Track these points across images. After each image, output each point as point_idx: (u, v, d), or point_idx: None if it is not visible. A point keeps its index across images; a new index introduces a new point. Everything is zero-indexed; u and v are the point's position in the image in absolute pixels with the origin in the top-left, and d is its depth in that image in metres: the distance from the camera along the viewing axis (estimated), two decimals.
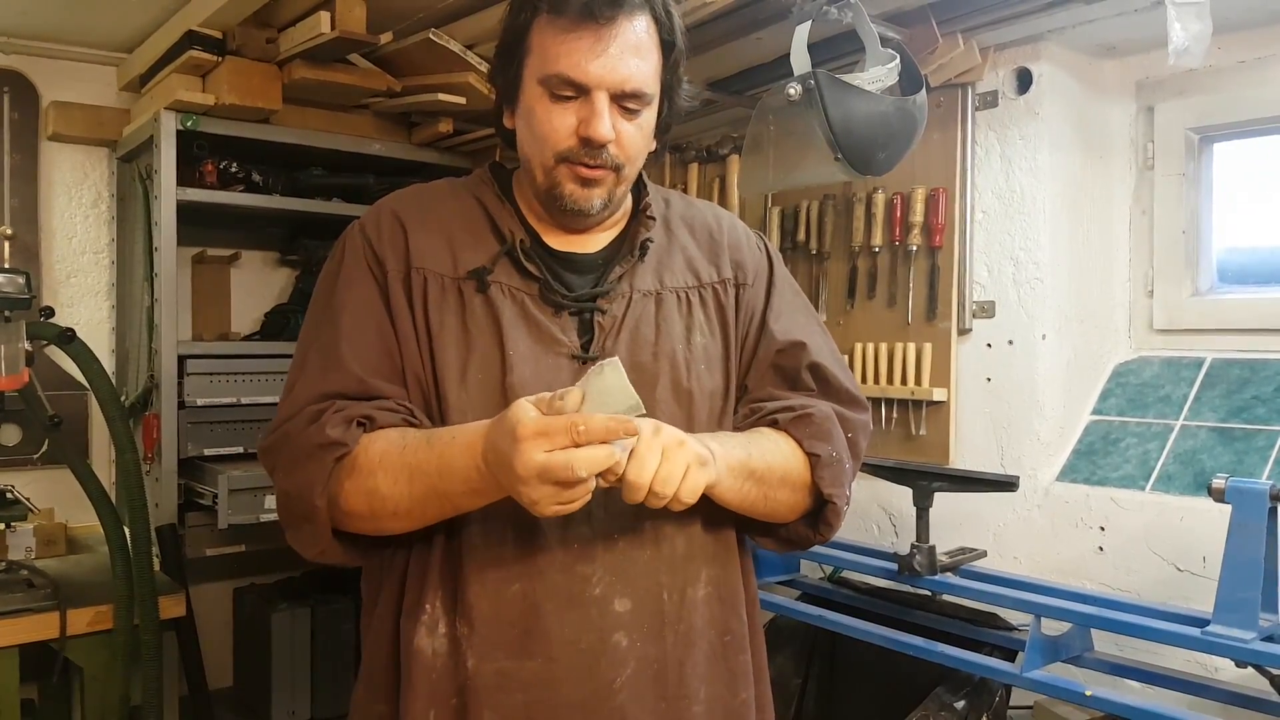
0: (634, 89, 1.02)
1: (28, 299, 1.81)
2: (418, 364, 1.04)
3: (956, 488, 1.73)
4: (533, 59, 1.04)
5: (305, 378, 1.05)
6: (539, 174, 1.07)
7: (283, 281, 2.88)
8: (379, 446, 0.98)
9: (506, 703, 1.00)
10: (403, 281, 1.06)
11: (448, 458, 0.95)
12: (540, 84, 1.02)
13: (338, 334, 1.05)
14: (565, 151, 1.03)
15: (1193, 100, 1.86)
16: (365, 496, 0.98)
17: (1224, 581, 1.37)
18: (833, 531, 1.12)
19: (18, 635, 1.76)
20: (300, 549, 1.04)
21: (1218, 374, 1.81)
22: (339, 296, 1.08)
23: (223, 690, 2.65)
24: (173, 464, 2.24)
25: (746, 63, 1.98)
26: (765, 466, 1.04)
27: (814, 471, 1.07)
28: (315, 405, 1.01)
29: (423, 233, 1.08)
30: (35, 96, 2.46)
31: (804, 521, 1.12)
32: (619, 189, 1.08)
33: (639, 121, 1.04)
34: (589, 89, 1.00)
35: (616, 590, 1.02)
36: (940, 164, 1.96)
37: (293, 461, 1.00)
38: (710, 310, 1.13)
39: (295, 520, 1.01)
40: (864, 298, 2.10)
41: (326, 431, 0.98)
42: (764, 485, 1.05)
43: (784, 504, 1.08)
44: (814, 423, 1.09)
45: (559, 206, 1.07)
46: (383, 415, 1.01)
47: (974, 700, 1.63)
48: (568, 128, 1.02)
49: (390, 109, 2.43)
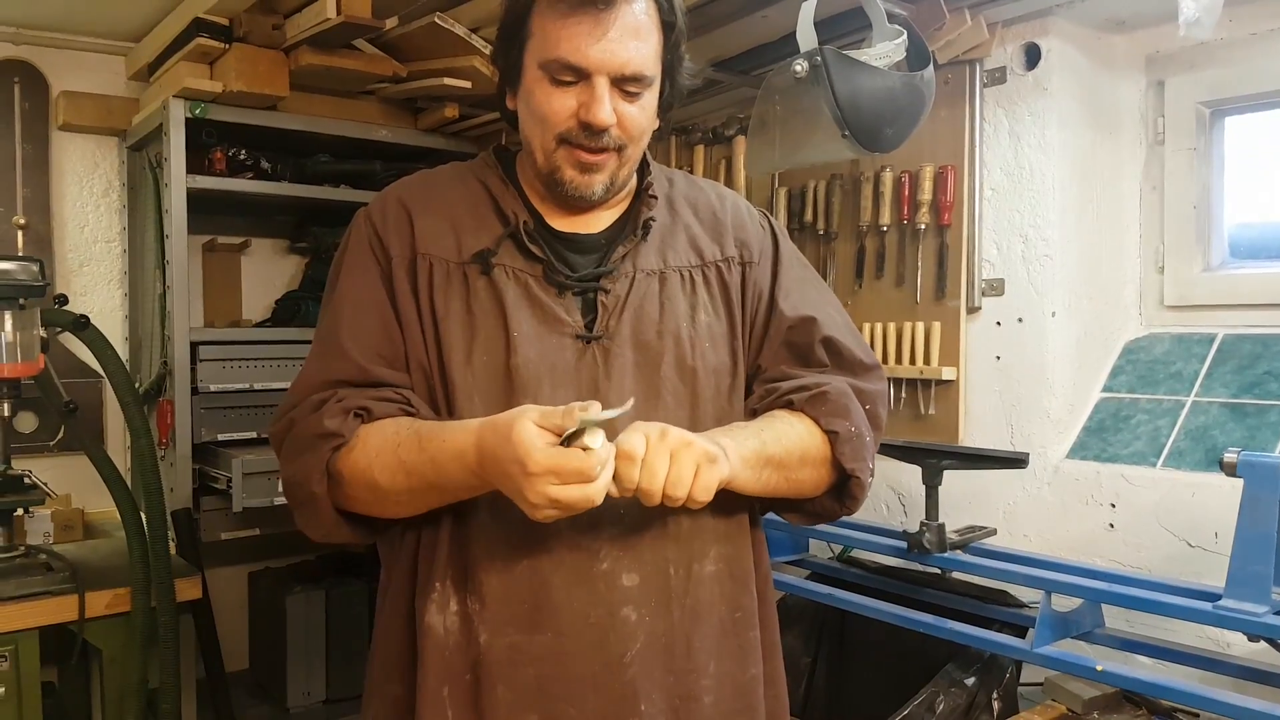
0: (634, 72, 1.02)
1: (41, 286, 1.83)
2: (421, 349, 1.06)
3: (966, 465, 1.73)
4: (534, 42, 1.04)
5: (309, 365, 1.08)
6: (539, 156, 1.07)
7: (292, 268, 2.90)
8: (375, 441, 1.00)
9: (518, 677, 1.01)
10: (407, 267, 1.07)
11: (440, 462, 0.97)
12: (541, 68, 1.03)
13: (339, 321, 1.07)
14: (565, 132, 1.03)
15: (1203, 74, 1.84)
16: (365, 487, 1.01)
17: (1236, 556, 1.37)
18: (858, 504, 1.12)
19: (38, 618, 1.79)
20: (306, 531, 1.07)
21: (1229, 350, 1.80)
22: (342, 284, 1.10)
23: (239, 672, 2.68)
24: (187, 449, 2.27)
25: (752, 41, 1.97)
26: (783, 451, 1.04)
27: (834, 448, 1.08)
28: (319, 394, 1.04)
29: (427, 218, 1.09)
30: (45, 86, 2.48)
31: (829, 495, 1.12)
32: (622, 171, 1.08)
33: (640, 103, 1.05)
34: (589, 73, 1.01)
35: (624, 565, 1.02)
36: (948, 141, 1.95)
37: (294, 449, 1.04)
38: (714, 288, 1.13)
39: (299, 504, 1.05)
40: (872, 277, 2.10)
41: (324, 422, 1.01)
42: (784, 469, 1.05)
43: (808, 482, 1.09)
44: (829, 400, 1.09)
45: (561, 192, 1.08)
46: (379, 406, 1.03)
47: (984, 677, 1.64)
48: (567, 110, 1.02)
49: (396, 95, 2.43)
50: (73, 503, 2.31)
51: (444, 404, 1.04)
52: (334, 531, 1.05)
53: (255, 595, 2.74)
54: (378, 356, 1.05)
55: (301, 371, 1.09)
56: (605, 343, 1.06)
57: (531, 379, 1.02)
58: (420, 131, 2.57)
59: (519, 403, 1.00)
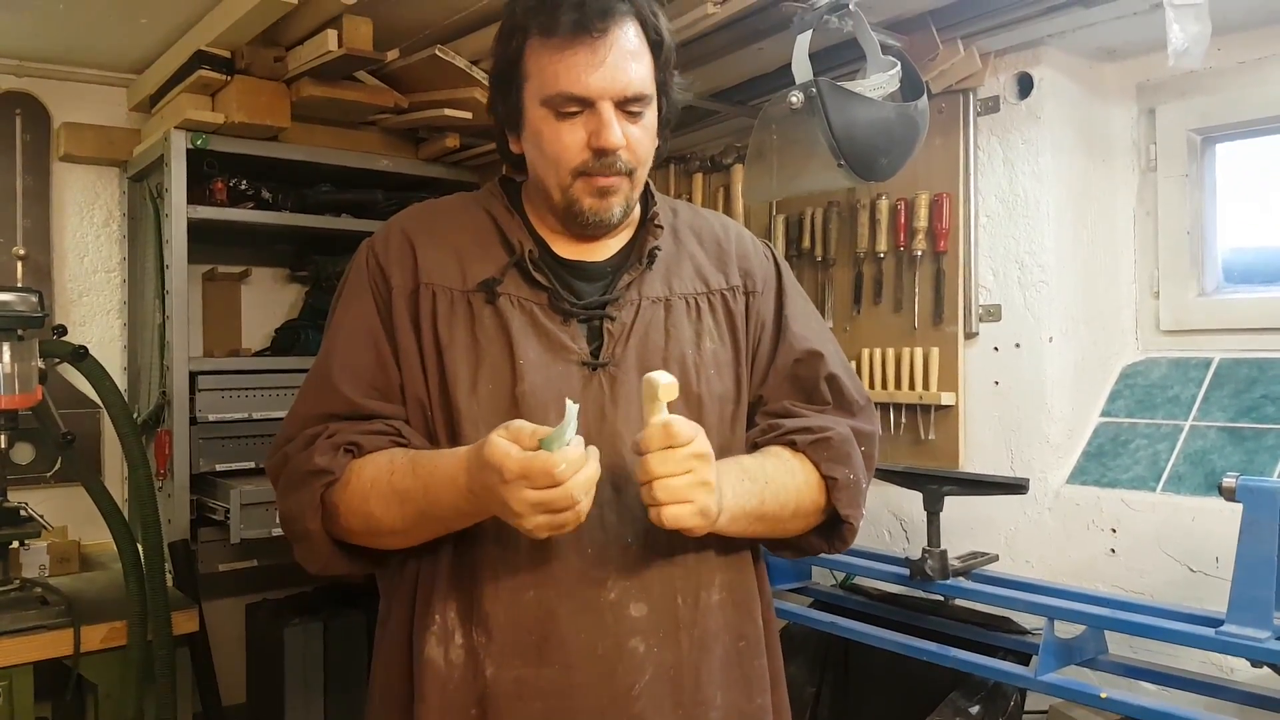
0: (635, 93, 1.04)
1: (40, 317, 1.83)
2: (419, 382, 1.06)
3: (966, 491, 1.73)
4: (531, 83, 1.06)
5: (302, 399, 1.10)
6: (555, 194, 1.08)
7: (293, 297, 2.90)
8: (369, 472, 1.01)
9: (525, 711, 1.00)
10: (409, 298, 1.08)
11: (433, 490, 0.97)
12: (544, 105, 1.04)
13: (332, 354, 1.09)
14: (580, 166, 1.05)
15: (1194, 101, 1.86)
16: (361, 519, 1.02)
17: (1237, 581, 1.37)
18: (846, 546, 1.14)
19: (32, 652, 1.77)
20: (304, 564, 1.08)
21: (1226, 374, 1.81)
22: (337, 316, 1.12)
23: (236, 706, 2.65)
24: (185, 480, 2.25)
25: (749, 73, 1.99)
26: (778, 507, 1.06)
27: (831, 494, 1.09)
28: (311, 429, 1.05)
29: (431, 248, 1.10)
30: (46, 118, 2.49)
31: (816, 534, 1.14)
32: (634, 193, 1.10)
33: (643, 124, 1.07)
34: (593, 101, 1.02)
35: (631, 595, 1.02)
36: (943, 169, 1.97)
37: (288, 485, 1.05)
38: (719, 316, 1.14)
39: (295, 539, 1.06)
40: (870, 303, 2.11)
41: (315, 460, 1.02)
42: (774, 524, 1.08)
43: (793, 532, 1.12)
44: (833, 446, 1.10)
45: (579, 222, 1.09)
46: (369, 440, 1.04)
47: (989, 705, 1.63)
48: (579, 143, 1.04)
49: (397, 125, 2.45)
50: (69, 534, 2.29)
51: (448, 433, 1.04)
52: (331, 564, 1.06)
53: (253, 627, 2.71)
54: (371, 389, 1.06)
55: (295, 403, 1.10)
56: (611, 370, 1.06)
57: (538, 406, 1.03)
58: (421, 161, 2.59)
59: None
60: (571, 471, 0.88)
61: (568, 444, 0.89)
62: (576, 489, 0.89)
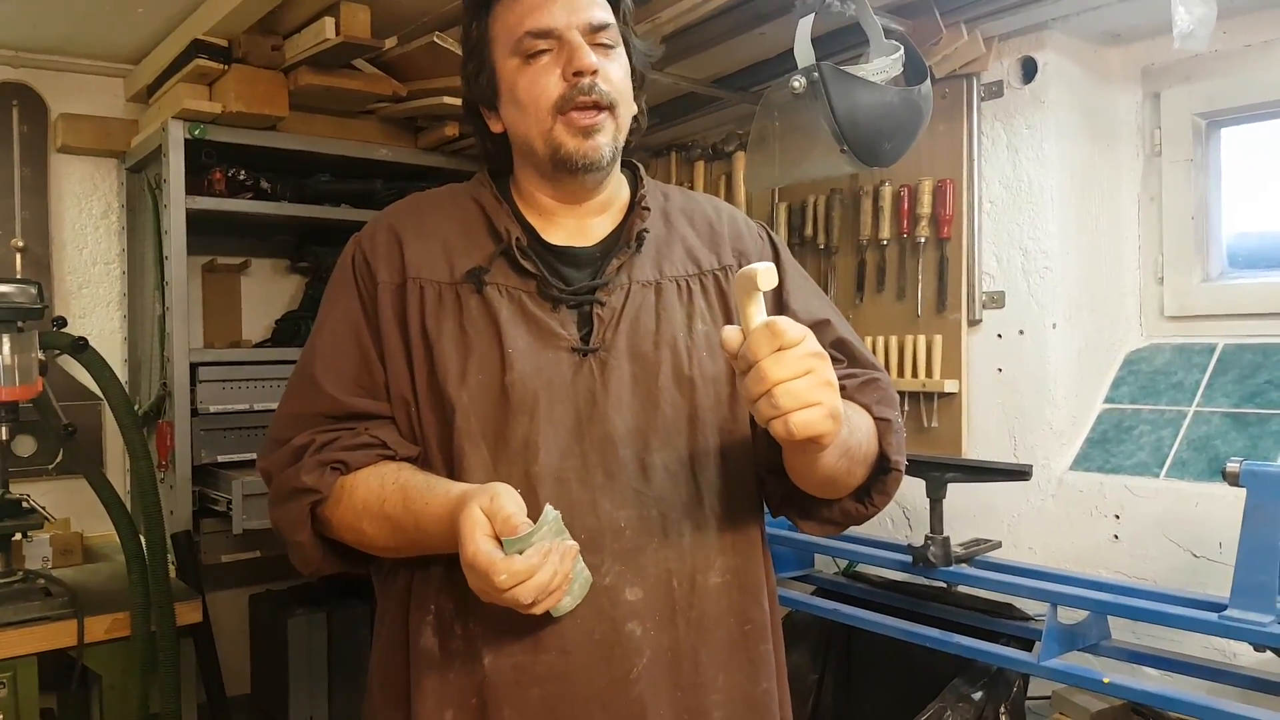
0: (601, 21, 1.05)
1: (40, 309, 1.83)
2: (404, 380, 1.05)
3: (970, 478, 1.73)
4: (499, 42, 1.07)
5: (288, 398, 1.11)
6: (539, 144, 1.06)
7: (293, 288, 2.90)
8: (360, 495, 1.02)
9: (525, 698, 1.00)
10: (395, 293, 1.07)
11: (424, 524, 0.98)
12: (514, 55, 1.05)
13: (316, 353, 1.09)
14: (559, 101, 1.04)
15: (1199, 85, 1.85)
16: (353, 534, 1.03)
17: (1240, 565, 1.37)
18: (887, 500, 1.09)
19: (36, 643, 1.78)
20: (297, 567, 1.10)
21: (1230, 359, 1.80)
22: (323, 314, 1.12)
23: (240, 697, 2.66)
24: (187, 471, 2.25)
25: (750, 58, 1.98)
26: (855, 444, 1.01)
27: (883, 438, 1.05)
28: (299, 439, 1.05)
29: (418, 242, 1.09)
30: (44, 109, 2.48)
31: (851, 497, 1.09)
32: (620, 135, 1.08)
33: (615, 58, 1.07)
34: (560, 33, 1.04)
35: (626, 579, 1.02)
36: (947, 155, 1.96)
37: (276, 497, 1.07)
38: (712, 297, 1.13)
39: (287, 546, 1.08)
40: (873, 291, 2.10)
41: (302, 477, 1.03)
42: (849, 463, 1.02)
43: (856, 479, 1.05)
44: (881, 388, 1.08)
45: (568, 168, 1.06)
46: (355, 456, 1.03)
47: (992, 691, 1.63)
48: (554, 78, 1.04)
49: (396, 114, 2.44)
50: (71, 526, 2.29)
51: (438, 427, 1.04)
52: (324, 567, 1.08)
53: (256, 618, 2.72)
54: (356, 387, 1.06)
55: (281, 403, 1.12)
56: (602, 355, 1.05)
57: (528, 394, 1.02)
58: (420, 150, 2.58)
59: (517, 419, 1.01)
60: (511, 584, 0.87)
61: (532, 545, 0.87)
62: (522, 594, 0.87)
